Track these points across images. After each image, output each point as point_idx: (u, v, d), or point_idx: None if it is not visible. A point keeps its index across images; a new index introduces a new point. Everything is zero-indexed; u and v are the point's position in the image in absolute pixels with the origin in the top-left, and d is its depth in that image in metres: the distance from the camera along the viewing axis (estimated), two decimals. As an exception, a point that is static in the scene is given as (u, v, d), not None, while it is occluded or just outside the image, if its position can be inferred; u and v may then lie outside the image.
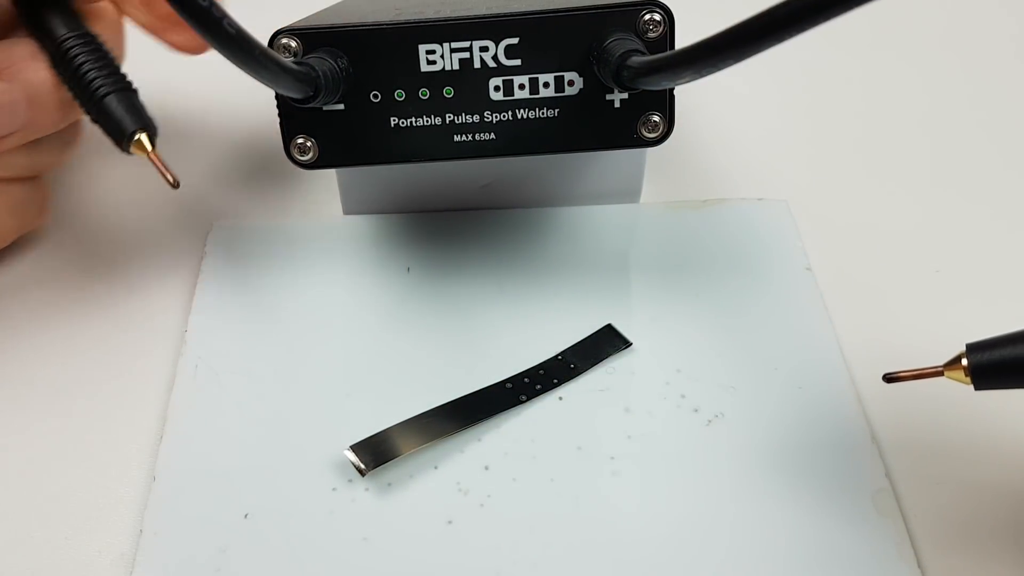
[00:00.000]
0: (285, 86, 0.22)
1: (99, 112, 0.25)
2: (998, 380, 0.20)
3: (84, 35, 0.26)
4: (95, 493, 0.25)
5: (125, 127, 0.25)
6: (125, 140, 0.25)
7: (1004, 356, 0.20)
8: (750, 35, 0.18)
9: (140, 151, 0.25)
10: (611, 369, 0.28)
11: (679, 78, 0.21)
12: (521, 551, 0.23)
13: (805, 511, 0.24)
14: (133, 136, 0.25)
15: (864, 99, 0.41)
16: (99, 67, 0.25)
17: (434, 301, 0.30)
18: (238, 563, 0.23)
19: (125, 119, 0.25)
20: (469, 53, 0.25)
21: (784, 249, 0.32)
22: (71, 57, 0.25)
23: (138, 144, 0.25)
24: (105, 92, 0.25)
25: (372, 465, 0.25)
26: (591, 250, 0.32)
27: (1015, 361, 0.20)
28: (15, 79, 0.25)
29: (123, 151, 0.26)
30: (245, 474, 0.25)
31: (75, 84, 0.26)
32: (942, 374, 0.21)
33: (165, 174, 0.25)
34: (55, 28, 0.26)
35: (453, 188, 0.33)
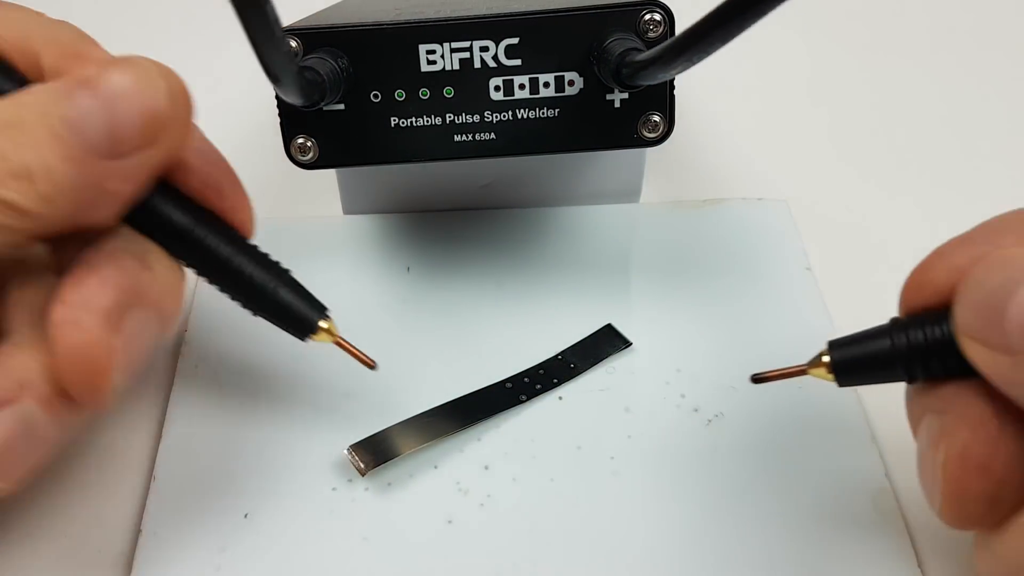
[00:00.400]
0: (293, 92, 0.22)
1: (270, 308, 0.23)
2: (858, 376, 0.20)
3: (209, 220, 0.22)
4: (95, 493, 0.25)
5: (313, 317, 0.23)
6: (313, 331, 0.23)
7: (863, 352, 0.20)
8: (729, 15, 0.18)
9: (326, 339, 0.24)
10: (611, 369, 0.28)
11: (673, 67, 0.21)
12: (521, 551, 0.23)
13: (805, 511, 0.24)
14: (319, 324, 0.23)
15: (864, 99, 0.41)
16: (249, 258, 0.23)
17: (434, 301, 0.30)
18: (238, 563, 0.23)
19: (306, 312, 0.23)
20: (469, 53, 0.25)
21: (784, 249, 0.32)
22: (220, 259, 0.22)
23: (324, 333, 0.24)
24: (273, 285, 0.23)
25: (372, 465, 0.25)
26: (591, 250, 0.32)
27: (873, 357, 0.20)
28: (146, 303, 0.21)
29: (305, 340, 0.24)
30: (245, 474, 0.25)
31: (233, 288, 0.23)
32: (806, 372, 0.21)
33: (362, 358, 0.24)
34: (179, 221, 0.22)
35: (453, 188, 0.33)
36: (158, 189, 0.22)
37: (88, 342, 0.20)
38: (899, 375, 0.20)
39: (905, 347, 0.19)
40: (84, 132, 0.20)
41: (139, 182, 0.21)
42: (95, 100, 0.20)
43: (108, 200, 0.20)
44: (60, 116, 0.19)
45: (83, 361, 0.20)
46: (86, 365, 0.20)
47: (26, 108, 0.19)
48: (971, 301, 0.18)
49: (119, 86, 0.20)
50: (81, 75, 0.20)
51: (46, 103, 0.20)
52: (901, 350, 0.19)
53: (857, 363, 0.20)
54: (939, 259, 0.20)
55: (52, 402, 0.20)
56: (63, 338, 0.20)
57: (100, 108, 0.20)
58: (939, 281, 0.19)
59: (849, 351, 0.20)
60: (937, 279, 0.19)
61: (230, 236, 0.22)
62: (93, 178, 0.20)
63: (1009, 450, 0.17)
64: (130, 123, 0.20)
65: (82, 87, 0.20)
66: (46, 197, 0.19)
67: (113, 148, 0.20)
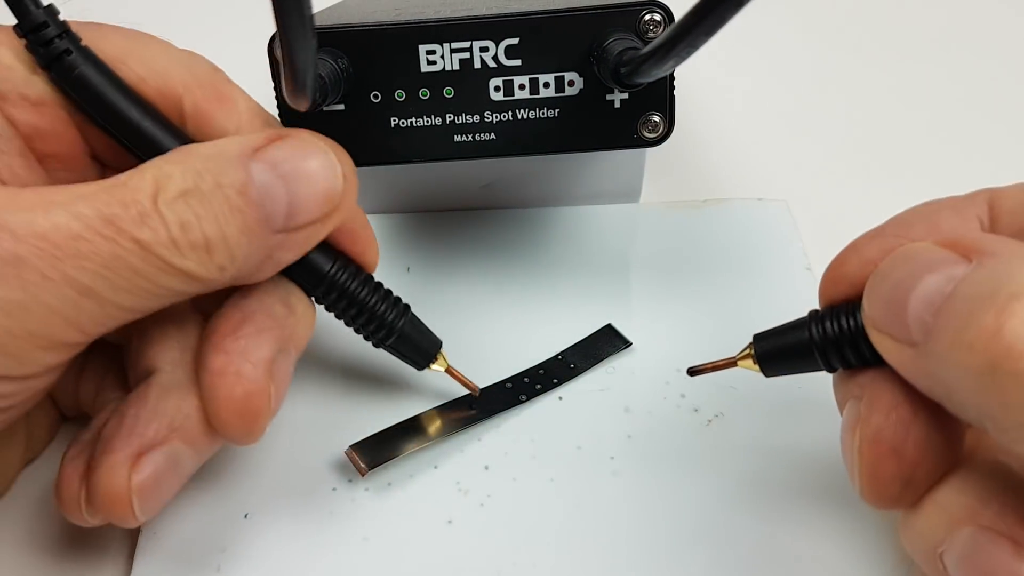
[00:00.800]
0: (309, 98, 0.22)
1: (396, 346, 0.25)
2: (782, 366, 0.21)
3: (345, 263, 0.24)
4: (95, 493, 0.25)
5: (433, 350, 0.26)
6: (431, 361, 0.26)
7: (783, 343, 0.21)
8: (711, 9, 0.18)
9: (439, 368, 0.26)
10: (611, 369, 0.28)
11: (665, 64, 0.21)
12: (521, 551, 0.23)
13: (805, 511, 0.24)
14: (435, 359, 0.26)
15: (864, 99, 0.41)
16: (379, 299, 0.24)
17: (434, 301, 0.30)
18: (238, 563, 0.23)
19: (426, 343, 0.26)
20: (469, 53, 0.25)
21: (784, 249, 0.32)
22: (356, 301, 0.24)
23: (439, 362, 0.26)
24: (400, 322, 0.25)
25: (372, 465, 0.25)
26: (591, 250, 0.32)
27: (792, 347, 0.21)
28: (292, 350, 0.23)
29: (418, 370, 0.26)
30: (245, 474, 0.25)
31: (365, 326, 0.24)
32: (736, 364, 0.22)
33: (468, 385, 0.26)
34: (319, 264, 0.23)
35: (453, 188, 0.33)
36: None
37: (251, 392, 0.21)
38: (818, 364, 0.20)
39: (821, 338, 0.20)
40: (264, 208, 0.20)
41: (305, 251, 0.22)
42: (275, 178, 0.20)
43: (273, 265, 0.21)
44: (238, 189, 0.20)
45: (245, 409, 0.21)
46: (247, 413, 0.21)
47: (203, 177, 0.20)
48: (876, 294, 0.18)
49: (301, 168, 0.21)
50: (251, 143, 0.21)
51: (221, 172, 0.20)
52: (818, 341, 0.20)
53: (778, 354, 0.21)
54: (853, 252, 0.20)
55: (199, 441, 0.22)
56: (226, 388, 0.21)
57: (281, 187, 0.21)
58: (852, 274, 0.20)
59: (771, 343, 0.21)
60: (851, 272, 0.20)
61: (362, 278, 0.24)
62: (266, 250, 0.21)
63: (920, 434, 0.18)
64: (310, 204, 0.21)
65: (258, 160, 0.20)
66: (221, 267, 0.20)
67: (288, 224, 0.21)
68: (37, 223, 0.18)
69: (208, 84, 0.23)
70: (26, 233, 0.18)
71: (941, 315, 0.16)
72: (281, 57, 0.19)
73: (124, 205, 0.19)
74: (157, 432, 0.21)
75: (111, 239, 0.18)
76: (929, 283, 0.17)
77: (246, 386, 0.21)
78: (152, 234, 0.19)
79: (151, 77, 0.22)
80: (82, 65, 0.21)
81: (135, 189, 0.19)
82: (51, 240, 0.18)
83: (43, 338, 0.18)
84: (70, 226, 0.18)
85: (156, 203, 0.19)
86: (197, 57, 0.23)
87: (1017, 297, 0.15)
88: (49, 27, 0.21)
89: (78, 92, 0.22)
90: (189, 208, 0.19)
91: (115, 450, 0.21)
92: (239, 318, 0.22)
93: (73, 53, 0.21)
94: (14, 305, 0.18)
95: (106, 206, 0.18)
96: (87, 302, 0.18)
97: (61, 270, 0.18)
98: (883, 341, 0.18)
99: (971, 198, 0.20)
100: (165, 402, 0.21)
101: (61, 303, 0.18)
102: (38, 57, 0.21)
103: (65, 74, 0.21)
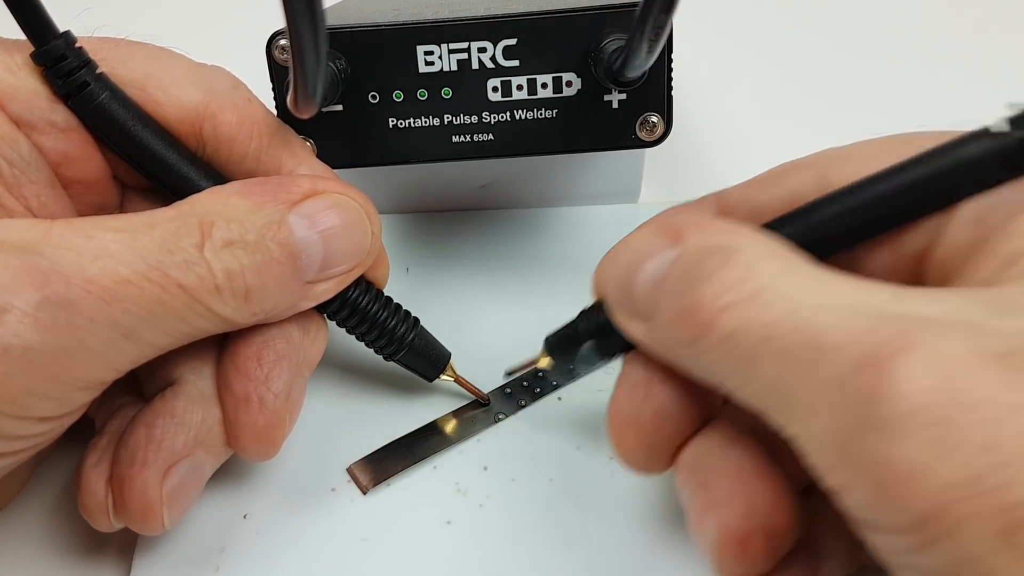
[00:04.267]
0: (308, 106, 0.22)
1: (408, 360, 0.26)
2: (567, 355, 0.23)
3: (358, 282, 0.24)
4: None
5: (442, 361, 0.26)
6: (440, 372, 0.26)
7: (561, 336, 0.23)
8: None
9: (453, 377, 0.26)
10: (611, 369, 0.28)
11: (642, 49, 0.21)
12: (521, 551, 0.23)
13: (804, 511, 0.24)
14: (445, 370, 0.26)
15: (865, 99, 0.41)
16: (390, 315, 0.25)
17: (434, 301, 0.30)
18: (238, 563, 0.23)
19: (434, 358, 0.26)
20: (467, 54, 0.25)
21: (784, 249, 0.32)
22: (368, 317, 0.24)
23: (448, 373, 0.26)
24: (411, 340, 0.25)
25: (373, 483, 0.25)
26: (591, 250, 0.32)
27: (567, 339, 0.23)
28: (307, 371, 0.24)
29: (428, 382, 0.26)
30: (245, 474, 0.25)
31: (376, 342, 0.25)
32: (536, 362, 0.24)
33: (477, 393, 0.27)
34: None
35: (452, 188, 0.33)
36: None
37: (271, 423, 0.22)
38: (593, 350, 0.22)
39: (587, 329, 0.22)
40: (301, 261, 0.21)
41: (330, 297, 0.23)
42: (314, 234, 0.21)
43: (297, 309, 0.22)
44: (281, 243, 0.21)
45: (265, 437, 0.22)
46: (266, 439, 0.22)
47: (246, 228, 0.20)
48: (612, 280, 0.20)
49: (336, 225, 0.22)
50: (289, 196, 0.21)
51: (265, 224, 0.21)
52: (585, 332, 0.22)
53: (560, 346, 0.23)
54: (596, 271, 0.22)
55: (220, 451, 0.23)
56: (249, 416, 0.22)
57: (318, 243, 0.21)
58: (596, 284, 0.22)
59: (554, 337, 0.23)
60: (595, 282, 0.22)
61: (373, 294, 0.25)
62: (296, 298, 0.22)
63: (657, 403, 0.19)
64: (343, 258, 0.22)
65: (297, 215, 0.21)
66: (254, 313, 0.21)
67: (320, 276, 0.22)
68: (86, 267, 0.18)
69: (229, 106, 0.23)
70: (77, 277, 0.18)
71: (659, 294, 0.18)
72: (292, 65, 0.19)
73: (170, 251, 0.19)
74: (185, 444, 0.22)
75: (157, 284, 0.19)
76: (648, 268, 0.19)
77: (268, 417, 0.22)
78: (198, 281, 0.19)
79: (170, 103, 0.22)
80: (100, 96, 0.21)
81: (180, 235, 0.19)
82: (100, 284, 0.18)
83: (84, 380, 0.19)
84: (118, 271, 0.18)
85: (203, 251, 0.20)
86: (218, 73, 0.24)
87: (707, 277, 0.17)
88: (68, 59, 0.21)
89: (98, 124, 0.22)
90: (235, 258, 0.20)
91: (148, 463, 0.21)
92: (260, 341, 0.22)
93: (91, 84, 0.21)
94: (62, 352, 0.18)
95: (153, 251, 0.19)
96: (127, 344, 0.19)
97: (108, 314, 0.18)
98: (623, 321, 0.20)
99: (701, 200, 0.22)
100: (191, 414, 0.22)
101: (104, 347, 0.18)
102: (56, 88, 0.21)
103: (84, 105, 0.21)
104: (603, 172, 0.33)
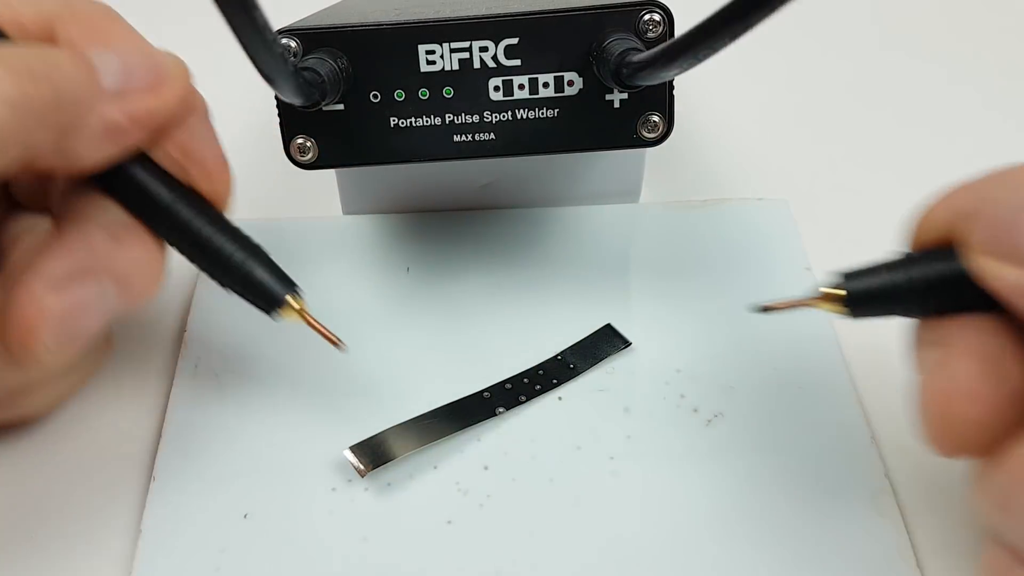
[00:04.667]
0: (290, 92, 0.22)
1: (238, 281, 0.23)
2: (873, 307, 0.20)
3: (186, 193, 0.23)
4: (95, 493, 0.25)
5: (278, 293, 0.23)
6: (279, 307, 0.24)
7: (880, 284, 0.20)
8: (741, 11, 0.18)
9: (297, 316, 0.24)
10: (611, 369, 0.28)
11: (676, 67, 0.21)
12: (521, 551, 0.23)
13: (805, 511, 0.24)
14: (285, 300, 0.23)
15: (864, 99, 0.41)
16: (216, 227, 0.23)
17: (434, 301, 0.30)
18: (238, 563, 0.23)
19: (273, 284, 0.23)
20: (469, 53, 0.25)
21: (784, 249, 0.32)
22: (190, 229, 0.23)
23: (289, 310, 0.24)
24: (240, 258, 0.23)
25: (371, 466, 0.25)
26: (591, 250, 0.32)
27: (891, 289, 0.20)
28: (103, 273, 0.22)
29: (269, 315, 0.24)
30: (245, 474, 0.25)
31: (203, 259, 0.23)
32: (815, 304, 0.21)
33: (330, 338, 0.24)
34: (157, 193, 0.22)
35: (453, 188, 0.33)
36: (139, 159, 0.22)
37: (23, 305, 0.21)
38: (913, 309, 0.20)
39: (920, 280, 0.20)
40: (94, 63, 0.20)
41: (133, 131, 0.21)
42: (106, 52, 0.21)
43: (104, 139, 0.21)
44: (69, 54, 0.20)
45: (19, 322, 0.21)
46: (21, 326, 0.21)
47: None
48: (989, 218, 0.18)
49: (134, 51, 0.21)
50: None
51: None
52: (917, 283, 0.20)
53: (873, 295, 0.20)
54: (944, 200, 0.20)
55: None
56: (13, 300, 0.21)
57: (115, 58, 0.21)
58: (942, 219, 0.19)
59: (864, 282, 0.20)
60: (940, 218, 0.20)
61: (205, 210, 0.23)
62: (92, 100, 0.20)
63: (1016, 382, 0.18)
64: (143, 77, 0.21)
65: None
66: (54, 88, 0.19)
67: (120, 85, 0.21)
68: None
69: (86, 20, 0.22)
70: None
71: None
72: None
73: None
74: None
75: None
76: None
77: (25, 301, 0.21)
78: None
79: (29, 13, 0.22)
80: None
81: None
82: None
83: None
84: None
85: None
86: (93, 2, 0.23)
87: None
88: None
89: None
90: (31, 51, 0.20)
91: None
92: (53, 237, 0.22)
93: None
94: None
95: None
96: None
97: None
98: (993, 268, 0.17)
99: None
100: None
101: None
102: None
103: None
104: (604, 172, 0.33)
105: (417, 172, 0.32)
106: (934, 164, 0.37)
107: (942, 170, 0.36)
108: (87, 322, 0.22)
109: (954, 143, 0.38)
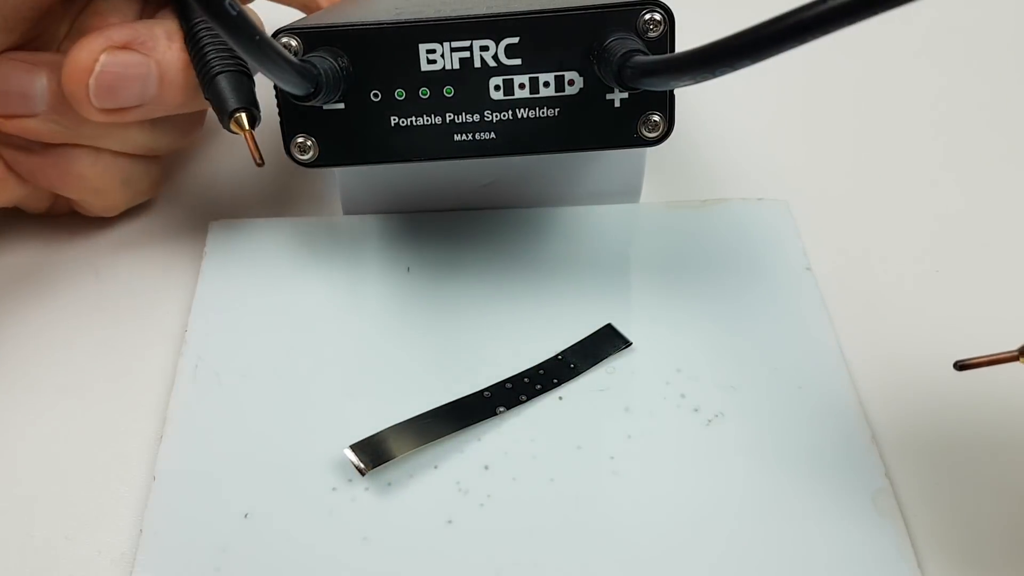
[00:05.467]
0: (285, 78, 0.22)
1: (209, 89, 0.26)
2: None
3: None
4: (95, 493, 0.25)
5: (228, 105, 0.26)
6: (226, 117, 0.26)
7: None
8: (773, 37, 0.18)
9: (238, 129, 0.26)
10: (611, 369, 0.28)
11: (686, 79, 0.21)
12: (521, 551, 0.23)
13: (805, 511, 0.24)
14: (234, 114, 0.26)
15: (864, 99, 0.41)
16: (218, 49, 0.26)
17: (434, 301, 0.30)
18: (238, 563, 0.23)
19: (230, 98, 0.26)
20: (469, 52, 0.25)
21: (784, 249, 0.32)
22: (198, 38, 0.27)
23: (237, 122, 0.26)
24: (219, 71, 0.26)
25: (372, 465, 0.25)
26: (591, 250, 0.32)
27: None
28: (150, 54, 0.26)
29: (224, 127, 0.26)
30: (245, 474, 0.25)
31: (196, 62, 0.27)
32: (1018, 359, 0.20)
33: (253, 153, 0.26)
34: (190, 11, 0.27)
35: (453, 188, 0.33)
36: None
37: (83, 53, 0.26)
38: None
39: None
40: None
41: None
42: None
43: None
44: None
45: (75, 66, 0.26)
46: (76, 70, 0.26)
47: None
48: None
49: None
50: None
51: None
52: None
53: None
54: None
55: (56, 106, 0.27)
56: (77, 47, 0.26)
57: None
58: None
59: None
60: None
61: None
62: None
63: None
64: None
65: None
66: None
67: None
68: None
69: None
70: None
71: None
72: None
73: None
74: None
75: None
76: None
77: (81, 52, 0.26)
78: None
79: None
80: None
81: None
82: None
83: None
84: None
85: None
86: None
87: None
88: None
89: None
90: None
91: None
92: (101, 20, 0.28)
93: None
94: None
95: None
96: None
97: None
98: None
99: None
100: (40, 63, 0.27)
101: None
102: None
103: None
104: (604, 171, 0.33)
105: (417, 172, 0.32)
106: (934, 164, 0.37)
107: (942, 170, 0.37)
108: (128, 91, 0.26)
109: (954, 143, 0.38)
